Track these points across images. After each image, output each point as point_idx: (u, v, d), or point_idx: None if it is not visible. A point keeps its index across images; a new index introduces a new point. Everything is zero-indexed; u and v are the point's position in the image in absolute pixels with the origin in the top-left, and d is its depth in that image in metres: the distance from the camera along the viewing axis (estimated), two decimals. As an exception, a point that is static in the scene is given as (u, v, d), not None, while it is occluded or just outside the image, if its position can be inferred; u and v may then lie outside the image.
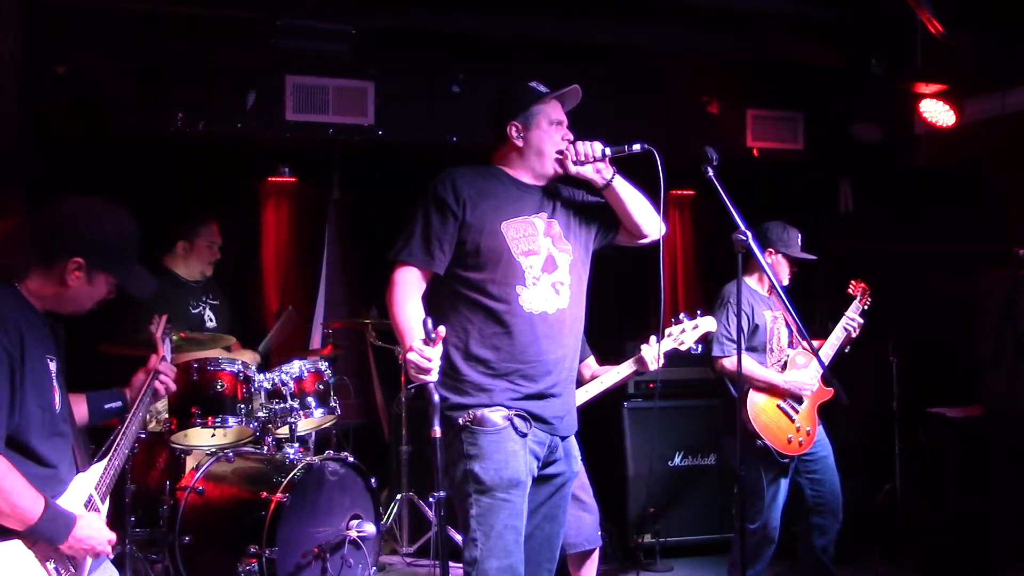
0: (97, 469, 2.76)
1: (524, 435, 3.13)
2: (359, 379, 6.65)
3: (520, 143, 3.30)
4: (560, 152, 3.29)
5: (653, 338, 4.21)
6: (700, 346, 4.26)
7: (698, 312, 4.26)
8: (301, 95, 5.67)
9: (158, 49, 5.37)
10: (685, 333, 4.21)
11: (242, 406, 4.67)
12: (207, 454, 4.77)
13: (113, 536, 2.70)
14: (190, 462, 4.85)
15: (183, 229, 5.35)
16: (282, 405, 4.75)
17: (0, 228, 2.73)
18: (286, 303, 6.38)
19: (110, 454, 2.79)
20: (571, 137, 3.34)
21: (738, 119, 6.47)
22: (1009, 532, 5.00)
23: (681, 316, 4.26)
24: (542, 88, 3.35)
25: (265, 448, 4.76)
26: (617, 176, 3.34)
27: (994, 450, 5.18)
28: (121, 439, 2.84)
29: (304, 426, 4.93)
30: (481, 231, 3.18)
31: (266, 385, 4.79)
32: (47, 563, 2.54)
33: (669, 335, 4.17)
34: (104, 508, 2.73)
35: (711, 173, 3.48)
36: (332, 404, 4.91)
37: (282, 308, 5.97)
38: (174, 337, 4.68)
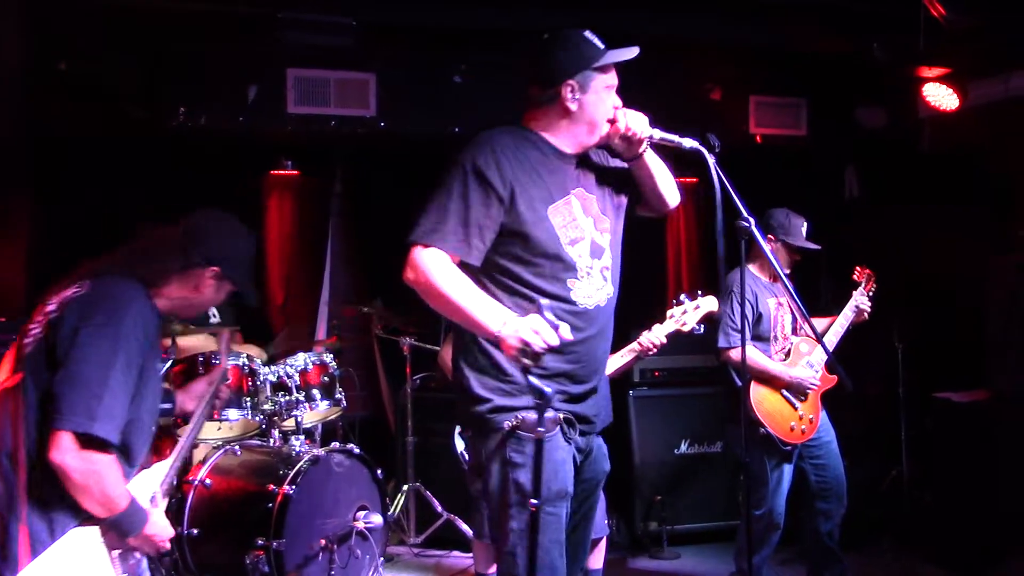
0: (161, 468, 2.87)
1: (570, 441, 2.87)
2: (364, 371, 6.66)
3: (574, 107, 2.87)
4: (611, 121, 2.91)
5: (657, 326, 4.20)
6: (703, 327, 4.23)
7: (699, 292, 4.23)
8: (303, 88, 5.67)
9: (159, 44, 5.37)
10: (687, 314, 4.15)
11: (248, 399, 4.69)
12: (213, 447, 4.79)
13: (173, 533, 2.81)
14: (197, 455, 4.86)
15: (167, 221, 5.33)
16: (288, 398, 4.76)
17: (151, 236, 2.87)
18: (290, 296, 6.39)
19: (174, 455, 2.91)
20: (619, 103, 2.96)
21: (741, 106, 6.45)
22: (1016, 517, 5.00)
23: (682, 297, 4.22)
24: (600, 43, 2.91)
25: (271, 441, 4.77)
26: (648, 149, 3.02)
27: (1000, 435, 5.17)
28: (184, 440, 2.98)
29: (310, 418, 4.95)
30: (529, 221, 2.81)
31: (271, 378, 4.79)
32: (113, 552, 2.63)
33: (671, 316, 4.13)
34: (163, 505, 2.84)
35: (713, 162, 3.47)
36: (337, 396, 4.92)
37: (285, 305, 5.96)
38: (177, 327, 4.71)
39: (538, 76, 2.92)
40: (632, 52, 2.90)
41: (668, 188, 3.15)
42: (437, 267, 2.72)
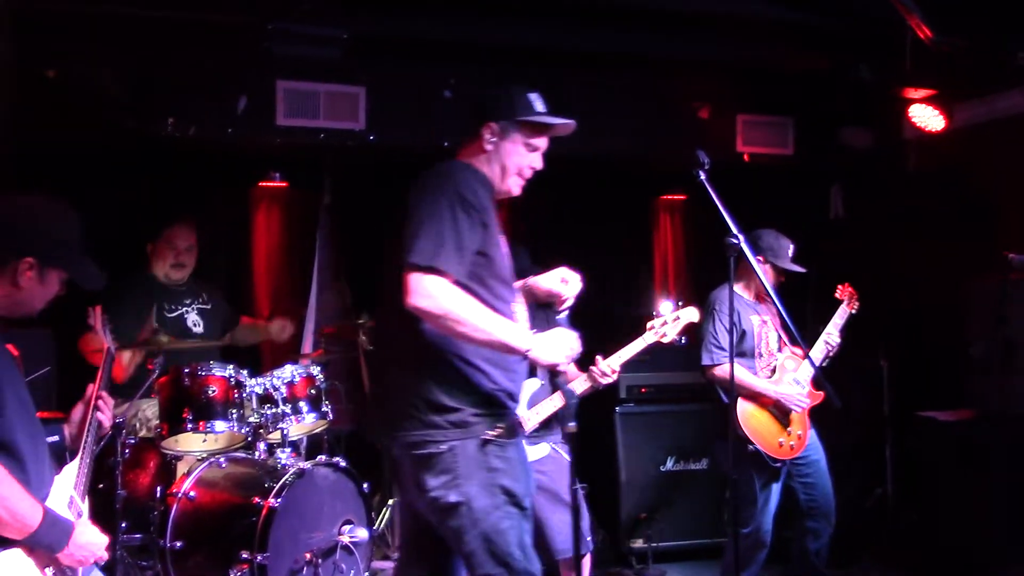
0: (71, 469, 2.73)
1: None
2: (350, 385, 6.63)
3: (489, 148, 3.14)
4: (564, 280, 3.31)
5: (599, 357, 4.18)
6: (684, 339, 4.22)
7: (679, 303, 4.22)
8: (292, 100, 5.65)
9: (149, 53, 5.34)
10: (667, 326, 4.12)
11: (233, 411, 4.65)
12: (198, 459, 4.75)
13: (107, 541, 2.68)
14: (181, 467, 4.81)
15: (151, 231, 5.32)
16: (274, 410, 4.73)
17: None
18: (277, 308, 6.36)
19: (80, 453, 2.77)
20: (539, 166, 3.21)
21: (728, 124, 6.47)
22: (1000, 535, 5.02)
23: (661, 308, 4.21)
24: (540, 107, 3.18)
25: (257, 453, 4.73)
26: None
27: (985, 454, 5.20)
28: (87, 437, 2.81)
29: (296, 431, 4.92)
30: (494, 245, 3.05)
31: (257, 390, 4.76)
32: (46, 571, 2.51)
33: (651, 329, 4.12)
34: (85, 508, 2.71)
35: (703, 177, 3.49)
36: (324, 409, 4.89)
37: (271, 317, 5.93)
38: (164, 339, 4.68)
39: (470, 115, 3.19)
40: (566, 125, 3.16)
41: None
42: (451, 293, 2.85)
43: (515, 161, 3.15)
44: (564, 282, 3.32)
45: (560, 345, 2.98)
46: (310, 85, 5.70)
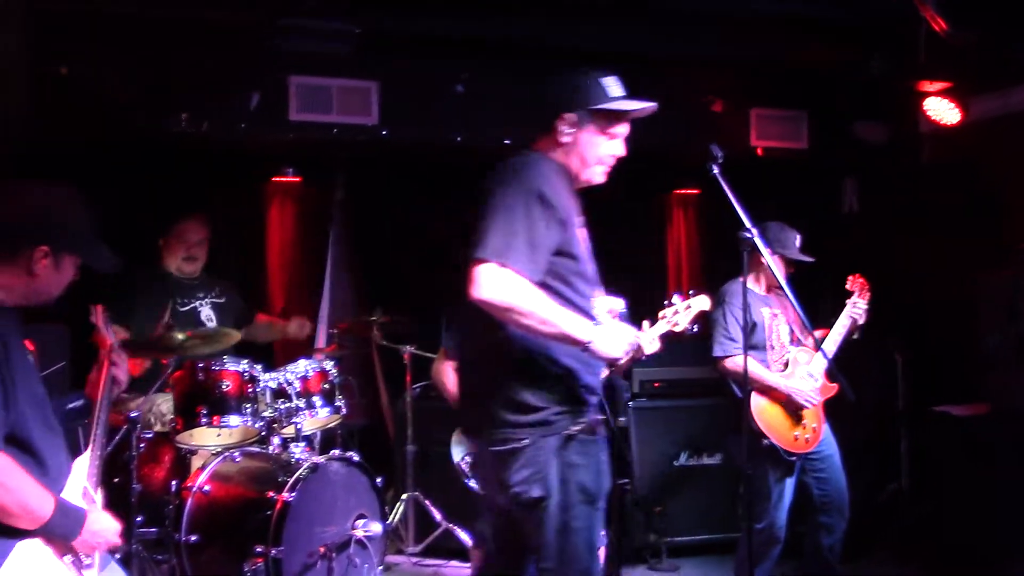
0: (83, 461, 2.75)
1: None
2: (364, 379, 6.65)
3: (566, 142, 3.08)
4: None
5: (645, 323, 4.16)
6: (696, 327, 4.19)
7: (691, 292, 4.20)
8: (304, 95, 5.65)
9: (161, 50, 5.36)
10: (679, 314, 4.08)
11: (247, 406, 4.65)
12: (213, 454, 4.75)
13: (120, 527, 2.70)
14: (196, 462, 4.82)
15: (164, 225, 5.35)
16: (287, 405, 4.74)
17: None
18: (291, 303, 6.38)
19: (91, 445, 2.78)
20: (621, 152, 3.15)
21: (742, 118, 6.46)
22: (1015, 530, 4.99)
23: (674, 298, 4.19)
24: (616, 91, 3.11)
25: (271, 448, 4.74)
26: None
27: (1000, 448, 5.17)
28: (96, 429, 2.82)
29: (309, 425, 4.92)
30: (574, 241, 3.00)
31: (271, 385, 4.77)
32: (64, 558, 2.54)
33: (662, 317, 4.09)
34: (98, 498, 2.73)
35: (716, 171, 3.48)
36: (337, 404, 4.89)
37: (284, 312, 5.95)
38: (179, 336, 4.69)
39: (541, 106, 3.11)
40: (646, 107, 3.09)
41: None
42: (517, 285, 2.81)
43: (594, 152, 3.09)
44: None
45: (620, 339, 2.95)
46: (322, 80, 5.71)
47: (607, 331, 2.93)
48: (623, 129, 3.12)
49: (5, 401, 2.44)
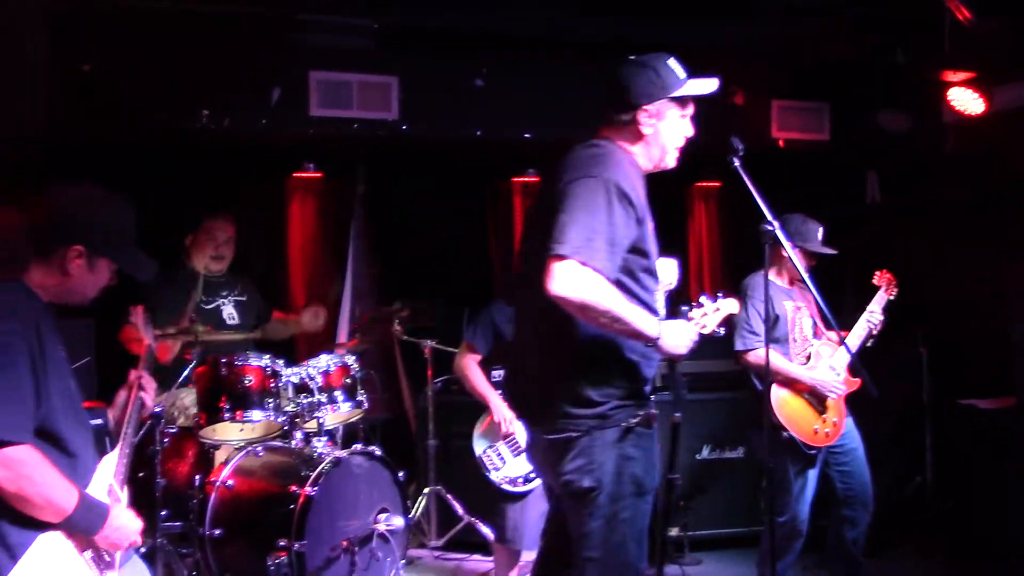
0: (111, 458, 2.77)
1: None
2: (385, 374, 6.66)
3: (648, 131, 3.06)
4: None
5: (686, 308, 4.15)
6: (723, 329, 4.19)
7: (719, 294, 4.19)
8: (325, 90, 5.66)
9: (182, 47, 5.38)
10: (707, 316, 4.10)
11: (270, 400, 4.66)
12: (236, 448, 4.78)
13: (142, 526, 2.71)
14: (219, 456, 4.85)
15: (191, 223, 5.37)
16: (310, 399, 4.74)
17: (4, 221, 2.69)
18: (312, 298, 6.39)
19: (120, 443, 2.80)
20: (691, 132, 3.17)
21: (763, 110, 6.41)
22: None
23: (702, 299, 4.18)
24: (682, 72, 3.10)
25: (293, 442, 4.75)
26: None
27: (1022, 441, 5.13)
28: (127, 428, 2.85)
29: (332, 420, 4.93)
30: (647, 238, 3.02)
31: (293, 380, 4.77)
32: (84, 553, 2.55)
33: (691, 319, 4.10)
34: (124, 496, 2.74)
35: (737, 163, 3.45)
36: (359, 398, 4.89)
37: (306, 307, 5.97)
38: (200, 329, 4.72)
39: (616, 93, 3.05)
40: (711, 85, 3.11)
41: None
42: (597, 284, 2.80)
43: (673, 137, 3.12)
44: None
45: (684, 335, 3.03)
46: (343, 76, 5.72)
47: (673, 327, 3.01)
48: (691, 109, 3.15)
49: (37, 394, 2.47)
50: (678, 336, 3.00)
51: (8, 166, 4.55)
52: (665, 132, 3.08)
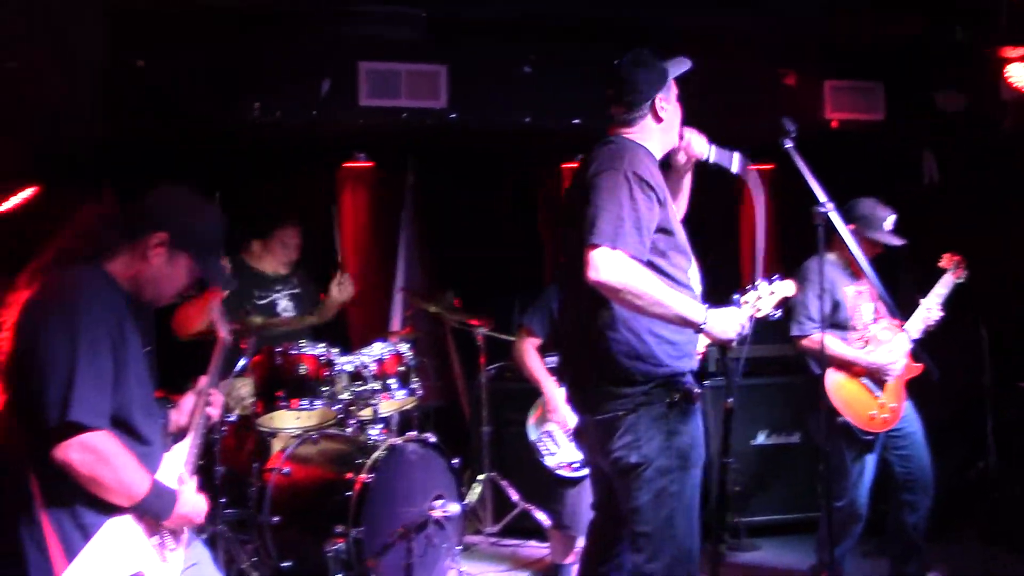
0: (182, 446, 2.80)
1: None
2: (438, 361, 6.68)
3: (665, 116, 3.29)
4: (680, 137, 3.37)
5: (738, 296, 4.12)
6: (779, 312, 4.13)
7: (775, 277, 4.14)
8: (374, 80, 5.67)
9: (233, 40, 5.42)
10: (762, 300, 4.05)
11: (325, 389, 4.70)
12: (292, 436, 4.84)
13: (207, 507, 2.75)
14: (276, 444, 4.91)
15: (260, 228, 5.42)
16: (364, 387, 4.77)
17: (93, 210, 2.72)
18: (365, 288, 6.42)
19: (191, 433, 2.83)
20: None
21: (815, 90, 6.31)
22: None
23: (757, 282, 4.14)
24: (669, 62, 3.34)
25: (348, 430, 4.79)
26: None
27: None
28: (198, 419, 2.87)
29: (386, 407, 4.96)
30: (671, 218, 3.19)
31: (348, 368, 4.80)
32: (152, 538, 2.59)
33: (746, 303, 4.06)
34: (191, 484, 2.77)
35: (790, 146, 3.46)
36: (413, 386, 4.91)
37: (359, 297, 5.99)
38: (258, 320, 4.78)
39: (627, 94, 3.26)
40: (686, 64, 3.35)
41: (680, 208, 3.53)
42: (631, 267, 2.98)
43: (678, 119, 3.35)
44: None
45: (732, 321, 3.12)
46: (392, 65, 5.72)
47: (720, 314, 3.10)
48: (676, 89, 3.38)
49: (116, 381, 2.51)
50: (725, 322, 3.10)
51: (62, 162, 4.63)
52: (674, 115, 3.32)
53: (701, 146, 3.38)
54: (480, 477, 5.75)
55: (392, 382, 4.84)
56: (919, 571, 4.66)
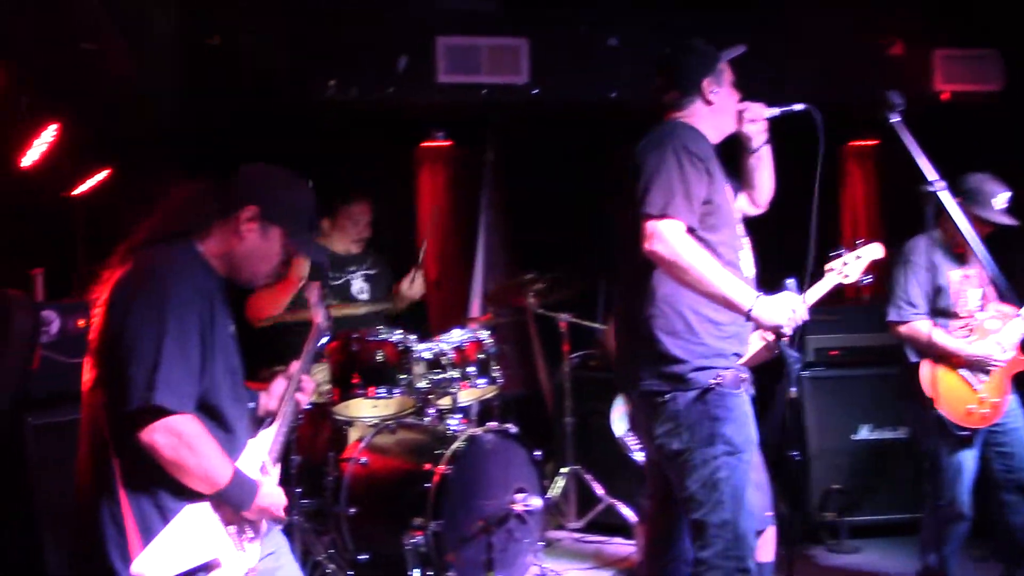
0: (267, 434, 2.77)
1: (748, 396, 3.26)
2: (520, 349, 6.56)
3: (715, 99, 3.33)
4: (739, 110, 3.38)
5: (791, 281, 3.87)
6: (869, 277, 3.86)
7: (858, 241, 3.87)
8: (453, 56, 5.63)
9: (308, 17, 5.43)
10: (848, 266, 3.80)
11: (402, 377, 4.61)
12: (369, 425, 4.77)
13: (286, 501, 2.71)
14: (353, 433, 4.85)
15: (327, 206, 5.33)
16: (442, 375, 4.66)
17: (184, 188, 2.70)
18: (444, 271, 6.33)
19: (278, 420, 2.80)
20: (738, 96, 3.42)
21: (924, 60, 6.03)
22: None
23: (841, 249, 3.86)
24: (720, 50, 3.39)
25: (426, 419, 4.70)
26: (766, 145, 3.47)
27: None
28: (285, 407, 2.84)
29: (465, 397, 4.84)
30: (720, 192, 3.23)
31: (426, 355, 4.69)
32: (229, 527, 2.56)
33: (830, 270, 3.80)
34: (274, 473, 2.73)
35: (896, 120, 3.29)
36: (493, 374, 4.79)
37: (439, 281, 5.90)
38: (331, 302, 4.69)
39: (676, 79, 3.36)
40: (739, 49, 3.38)
41: (770, 184, 3.54)
42: (684, 242, 3.03)
43: (732, 103, 3.38)
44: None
45: (784, 308, 3.02)
46: (471, 40, 5.67)
47: (770, 300, 3.02)
48: (732, 76, 3.41)
49: (203, 366, 2.50)
50: (776, 310, 3.02)
51: (139, 141, 4.63)
52: (726, 98, 3.36)
53: (760, 109, 3.39)
54: (563, 470, 5.60)
55: (471, 370, 4.72)
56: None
